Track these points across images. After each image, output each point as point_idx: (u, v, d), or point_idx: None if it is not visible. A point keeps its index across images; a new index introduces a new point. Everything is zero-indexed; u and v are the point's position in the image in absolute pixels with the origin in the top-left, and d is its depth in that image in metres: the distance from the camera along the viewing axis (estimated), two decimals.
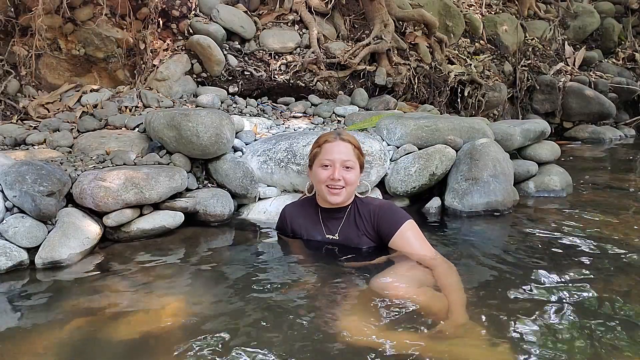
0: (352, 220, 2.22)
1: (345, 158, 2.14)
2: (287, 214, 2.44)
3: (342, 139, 2.17)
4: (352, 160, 2.15)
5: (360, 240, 2.20)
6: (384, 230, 2.15)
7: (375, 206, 2.22)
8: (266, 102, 4.57)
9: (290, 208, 2.46)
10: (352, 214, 2.23)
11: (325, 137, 2.21)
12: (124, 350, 1.57)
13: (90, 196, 2.46)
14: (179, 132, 2.88)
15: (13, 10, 3.81)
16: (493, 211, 3.06)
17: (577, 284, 1.96)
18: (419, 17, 5.51)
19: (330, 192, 2.14)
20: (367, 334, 1.59)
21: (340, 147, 2.15)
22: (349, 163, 2.14)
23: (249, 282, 2.13)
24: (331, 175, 2.11)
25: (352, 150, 2.16)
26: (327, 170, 2.14)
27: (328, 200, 2.17)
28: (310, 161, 2.27)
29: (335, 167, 2.12)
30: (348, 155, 2.15)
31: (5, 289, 2.04)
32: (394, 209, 2.23)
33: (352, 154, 2.16)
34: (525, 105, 7.00)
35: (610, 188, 3.85)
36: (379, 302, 1.78)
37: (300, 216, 2.37)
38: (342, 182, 2.12)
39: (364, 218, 2.20)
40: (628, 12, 8.67)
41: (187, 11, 4.57)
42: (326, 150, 2.16)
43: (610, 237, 2.57)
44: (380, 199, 2.37)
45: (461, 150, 3.30)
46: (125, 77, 4.34)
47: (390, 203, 2.33)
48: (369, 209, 2.21)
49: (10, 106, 3.73)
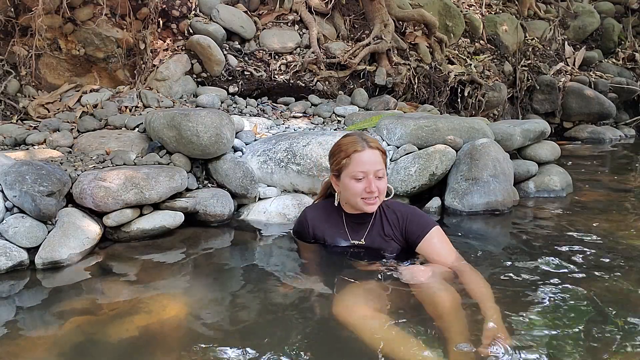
0: (378, 225, 2.15)
1: (378, 167, 2.04)
2: (308, 218, 2.30)
3: (371, 146, 2.05)
4: (382, 168, 2.06)
5: (388, 244, 2.14)
6: (412, 235, 2.09)
7: (402, 212, 2.15)
8: (266, 102, 4.57)
9: (311, 212, 2.32)
10: (378, 218, 2.15)
11: (352, 145, 2.06)
12: (124, 350, 1.57)
13: (90, 196, 2.46)
14: (179, 132, 2.88)
15: (13, 10, 3.81)
16: (493, 211, 3.06)
17: (577, 284, 1.96)
18: (419, 17, 5.51)
19: (366, 203, 2.05)
20: (374, 333, 1.58)
21: (370, 156, 2.04)
22: (381, 172, 2.05)
23: (249, 282, 2.13)
24: (367, 188, 2.02)
25: (381, 157, 2.07)
26: (361, 183, 2.03)
27: (365, 210, 2.08)
28: (336, 170, 2.11)
29: (369, 179, 2.02)
30: (379, 164, 2.05)
31: (5, 289, 2.04)
32: (421, 215, 2.18)
33: (382, 161, 2.07)
34: (525, 105, 6.99)
35: (610, 188, 3.85)
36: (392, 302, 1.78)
37: (323, 221, 2.25)
38: (376, 192, 2.03)
39: (391, 223, 2.13)
40: (628, 12, 8.66)
41: (187, 11, 4.57)
42: (357, 162, 2.03)
43: (610, 237, 2.57)
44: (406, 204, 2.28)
45: (461, 150, 3.30)
46: (125, 77, 4.34)
47: (416, 208, 2.24)
48: (396, 215, 2.14)
49: (10, 106, 3.73)
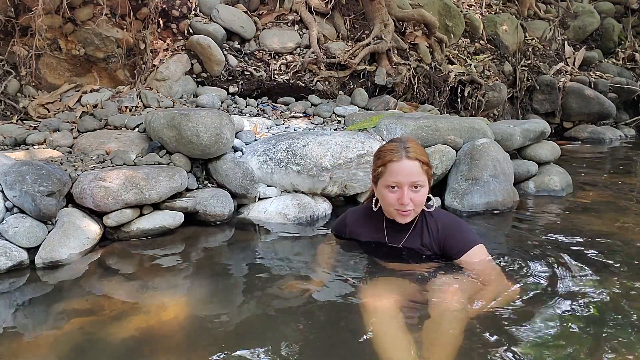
0: (418, 233, 2.06)
1: (413, 179, 1.92)
2: (348, 219, 2.27)
3: (409, 157, 1.93)
4: (420, 178, 1.93)
5: (424, 254, 2.06)
6: (450, 251, 2.00)
7: (445, 223, 2.05)
8: (266, 102, 4.57)
9: (353, 215, 2.27)
10: (419, 227, 2.07)
11: (389, 154, 1.96)
12: (124, 350, 1.57)
13: (90, 196, 2.46)
14: (179, 132, 2.88)
15: (13, 10, 3.81)
16: (493, 211, 3.06)
17: (577, 284, 1.96)
18: (419, 17, 5.52)
19: (399, 213, 1.98)
20: (376, 332, 1.58)
21: (407, 167, 1.92)
22: (418, 183, 1.93)
23: (249, 282, 2.13)
24: (400, 200, 1.93)
25: (420, 168, 1.93)
26: (394, 194, 1.95)
27: (397, 220, 2.02)
28: (374, 177, 2.05)
29: (403, 191, 1.92)
30: (415, 175, 1.93)
31: (5, 289, 2.04)
32: (465, 229, 2.06)
33: (421, 172, 1.94)
34: (525, 105, 6.99)
35: (610, 188, 3.85)
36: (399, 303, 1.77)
37: (362, 225, 2.20)
38: (410, 204, 1.94)
39: (431, 233, 2.04)
40: (628, 12, 8.66)
41: (187, 11, 4.58)
42: (392, 171, 1.94)
43: (610, 237, 2.57)
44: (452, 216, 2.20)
45: (461, 150, 3.30)
46: (125, 77, 4.34)
47: (462, 222, 2.11)
48: (438, 226, 2.04)
49: (10, 106, 3.73)
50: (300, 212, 2.95)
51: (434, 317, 1.66)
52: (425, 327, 1.61)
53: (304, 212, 2.96)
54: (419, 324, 1.62)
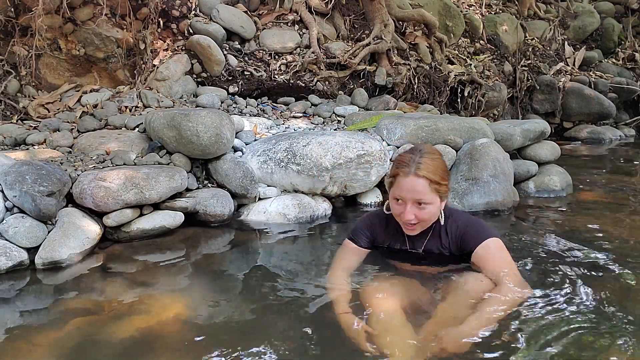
0: (437, 236, 2.06)
1: (418, 197, 1.89)
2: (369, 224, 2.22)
3: (417, 174, 1.88)
4: (426, 197, 1.90)
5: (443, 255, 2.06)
6: (467, 246, 2.00)
7: (462, 222, 2.05)
8: (266, 102, 4.57)
9: (373, 218, 2.23)
10: (437, 229, 2.06)
11: (400, 167, 1.94)
12: (124, 350, 1.57)
13: (90, 196, 2.46)
14: (179, 132, 2.88)
15: (13, 10, 3.81)
16: (493, 211, 3.06)
17: (577, 284, 1.96)
18: (419, 17, 5.51)
19: (404, 226, 2.00)
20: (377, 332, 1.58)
21: (412, 185, 1.89)
22: (424, 200, 1.90)
23: (249, 282, 2.14)
24: (402, 215, 1.93)
25: (428, 187, 1.89)
26: (399, 206, 1.95)
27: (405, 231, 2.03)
28: (387, 184, 2.08)
29: (406, 206, 1.91)
30: (422, 193, 1.89)
31: (5, 289, 2.04)
32: (481, 225, 2.06)
33: (428, 190, 1.89)
34: (525, 105, 6.99)
35: (610, 188, 3.85)
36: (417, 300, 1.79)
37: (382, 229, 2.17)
38: (413, 220, 1.93)
39: (450, 234, 2.05)
40: (628, 12, 8.66)
41: (187, 11, 4.57)
42: (398, 186, 1.93)
43: (610, 237, 2.58)
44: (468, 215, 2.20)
45: (461, 150, 3.30)
46: (125, 77, 4.33)
47: (479, 220, 2.14)
48: (457, 224, 2.04)
49: (10, 106, 3.73)
50: (300, 212, 2.95)
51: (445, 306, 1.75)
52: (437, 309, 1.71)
53: (304, 212, 2.96)
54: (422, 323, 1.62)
